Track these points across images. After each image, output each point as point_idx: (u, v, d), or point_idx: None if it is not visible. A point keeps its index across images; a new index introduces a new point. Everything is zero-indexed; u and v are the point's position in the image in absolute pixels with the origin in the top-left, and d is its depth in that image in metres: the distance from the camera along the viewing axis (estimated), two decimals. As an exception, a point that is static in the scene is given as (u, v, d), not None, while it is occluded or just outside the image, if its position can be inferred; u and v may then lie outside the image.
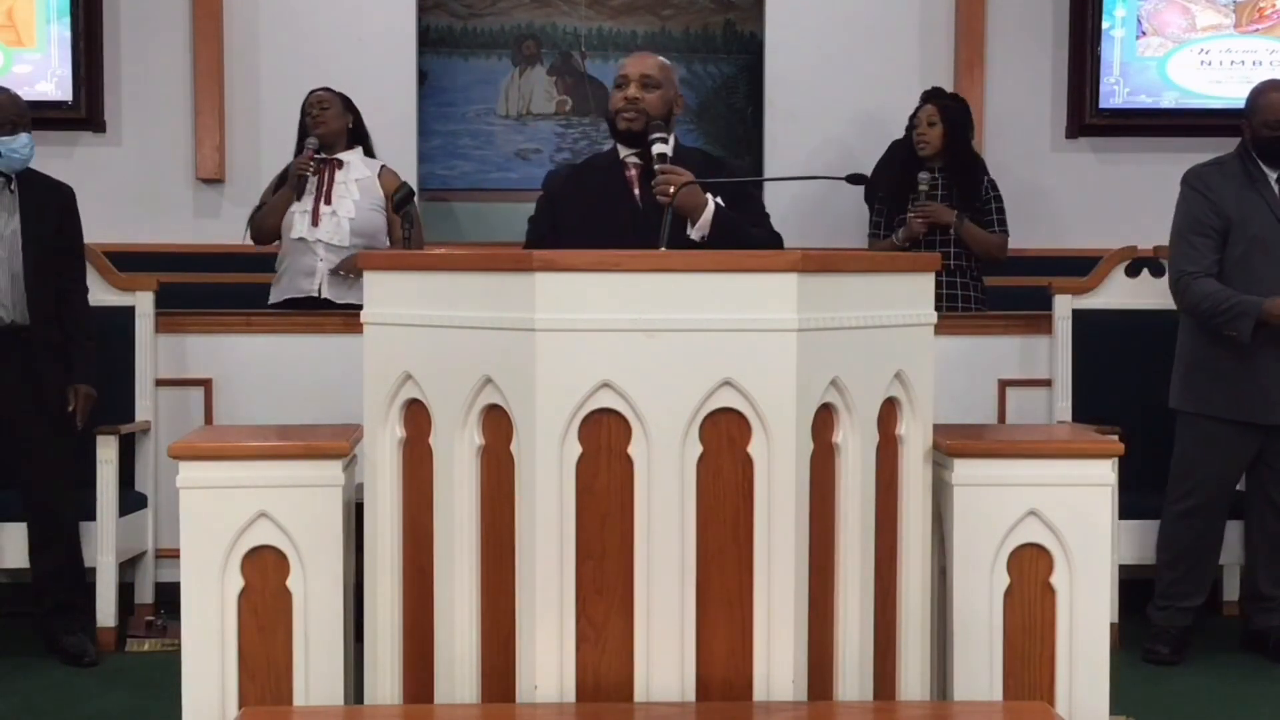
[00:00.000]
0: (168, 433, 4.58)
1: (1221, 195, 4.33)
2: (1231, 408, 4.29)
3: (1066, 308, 4.83)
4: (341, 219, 5.02)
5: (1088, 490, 2.83)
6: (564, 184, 3.64)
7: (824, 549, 2.59)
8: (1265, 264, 4.27)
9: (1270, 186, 4.33)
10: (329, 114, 5.12)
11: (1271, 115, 4.30)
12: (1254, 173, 4.34)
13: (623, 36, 7.12)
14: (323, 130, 5.09)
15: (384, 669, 2.71)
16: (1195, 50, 6.45)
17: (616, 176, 3.52)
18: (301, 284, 5.03)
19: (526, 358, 2.47)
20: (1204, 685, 4.15)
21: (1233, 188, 4.33)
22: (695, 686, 2.51)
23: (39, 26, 6.22)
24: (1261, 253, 4.27)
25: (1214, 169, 4.40)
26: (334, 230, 5.01)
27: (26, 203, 4.29)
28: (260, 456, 2.81)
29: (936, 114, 5.23)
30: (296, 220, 5.02)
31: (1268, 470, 4.36)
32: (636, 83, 3.50)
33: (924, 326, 2.75)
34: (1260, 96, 4.38)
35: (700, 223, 3.38)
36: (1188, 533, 4.38)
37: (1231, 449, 4.32)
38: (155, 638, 4.51)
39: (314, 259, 5.00)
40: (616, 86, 3.54)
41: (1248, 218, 4.30)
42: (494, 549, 2.57)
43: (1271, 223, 4.29)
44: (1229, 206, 4.31)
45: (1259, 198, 4.31)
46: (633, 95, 3.49)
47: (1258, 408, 4.26)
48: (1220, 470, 4.34)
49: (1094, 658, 2.85)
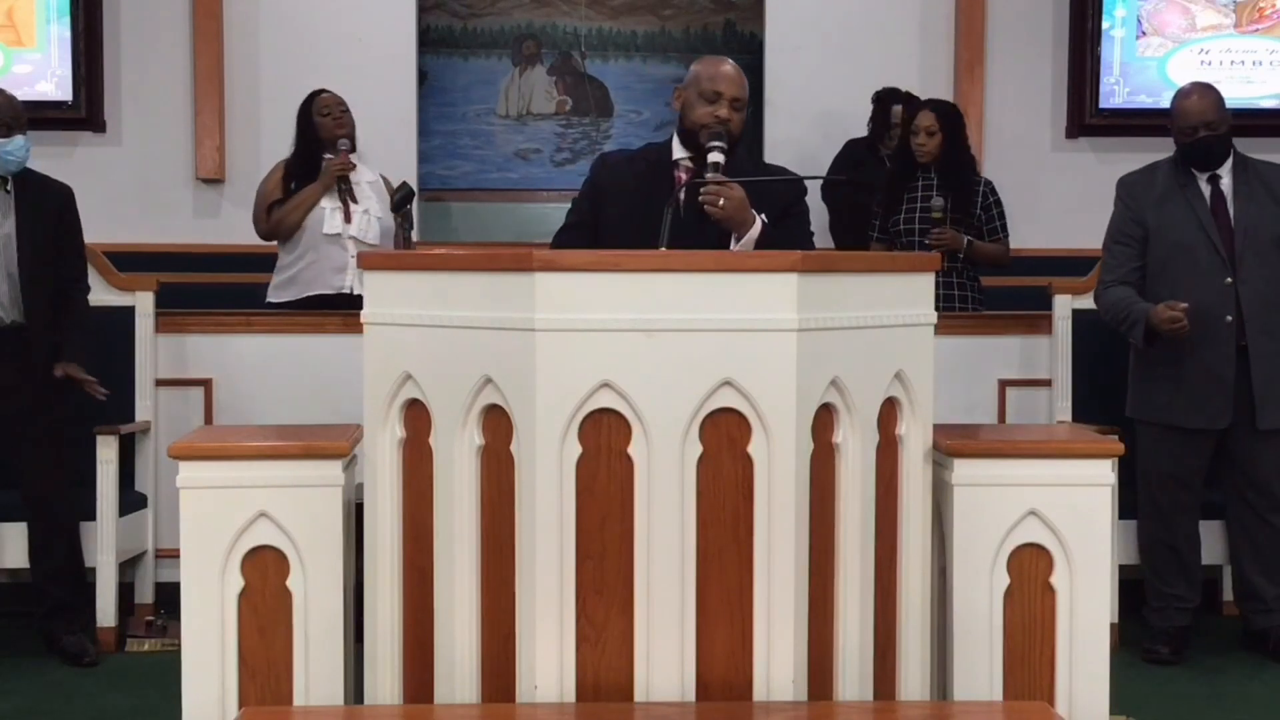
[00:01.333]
0: (168, 433, 4.58)
1: (1142, 203, 4.35)
2: (1165, 413, 4.31)
3: (1066, 308, 4.83)
4: (372, 217, 5.09)
5: (1088, 490, 2.83)
6: (612, 172, 3.55)
7: (824, 549, 2.59)
8: (1185, 269, 4.27)
9: (1198, 190, 4.32)
10: (348, 116, 5.16)
11: (1184, 121, 4.31)
12: (1182, 177, 4.34)
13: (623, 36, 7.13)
14: (343, 131, 5.13)
15: (384, 669, 2.71)
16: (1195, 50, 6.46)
17: (665, 174, 3.47)
18: (332, 280, 5.06)
19: (526, 358, 2.47)
20: (1204, 685, 4.15)
21: (1156, 194, 4.34)
22: (695, 686, 2.51)
23: (39, 26, 6.22)
24: (1182, 257, 4.28)
25: (1145, 175, 4.42)
26: (365, 227, 5.06)
27: (23, 203, 4.29)
28: (260, 456, 2.81)
29: (936, 124, 5.22)
30: (327, 217, 5.05)
31: (1236, 471, 4.36)
32: (729, 104, 3.44)
33: (924, 326, 2.74)
34: (1177, 102, 4.38)
35: (745, 240, 3.33)
36: (1158, 535, 4.40)
37: (1180, 453, 4.32)
38: (155, 638, 4.51)
39: (345, 255, 5.04)
40: (704, 97, 3.40)
41: (1168, 224, 4.30)
42: (494, 549, 2.57)
43: (1193, 228, 4.28)
44: (1148, 214, 4.33)
45: (1184, 203, 4.30)
46: (725, 116, 3.42)
47: (1186, 413, 4.27)
48: (1173, 474, 4.34)
49: (1094, 658, 2.85)
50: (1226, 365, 4.23)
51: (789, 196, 3.47)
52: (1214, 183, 4.32)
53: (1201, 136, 4.27)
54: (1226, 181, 4.32)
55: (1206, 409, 4.25)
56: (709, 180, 3.28)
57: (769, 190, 3.37)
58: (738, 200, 3.25)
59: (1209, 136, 4.27)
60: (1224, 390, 4.24)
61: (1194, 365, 4.25)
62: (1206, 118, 4.27)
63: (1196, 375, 4.25)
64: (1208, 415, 4.26)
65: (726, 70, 3.45)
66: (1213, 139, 4.28)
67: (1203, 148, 4.29)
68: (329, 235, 5.04)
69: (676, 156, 3.48)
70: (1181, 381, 4.27)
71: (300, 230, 5.07)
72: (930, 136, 5.20)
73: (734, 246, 3.28)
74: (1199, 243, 4.26)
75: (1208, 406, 4.25)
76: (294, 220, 5.08)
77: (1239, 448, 4.32)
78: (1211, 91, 4.35)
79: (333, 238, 5.04)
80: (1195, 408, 4.26)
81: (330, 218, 5.04)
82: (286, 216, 5.10)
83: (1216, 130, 4.28)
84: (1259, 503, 4.34)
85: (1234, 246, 4.26)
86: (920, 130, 5.22)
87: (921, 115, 5.26)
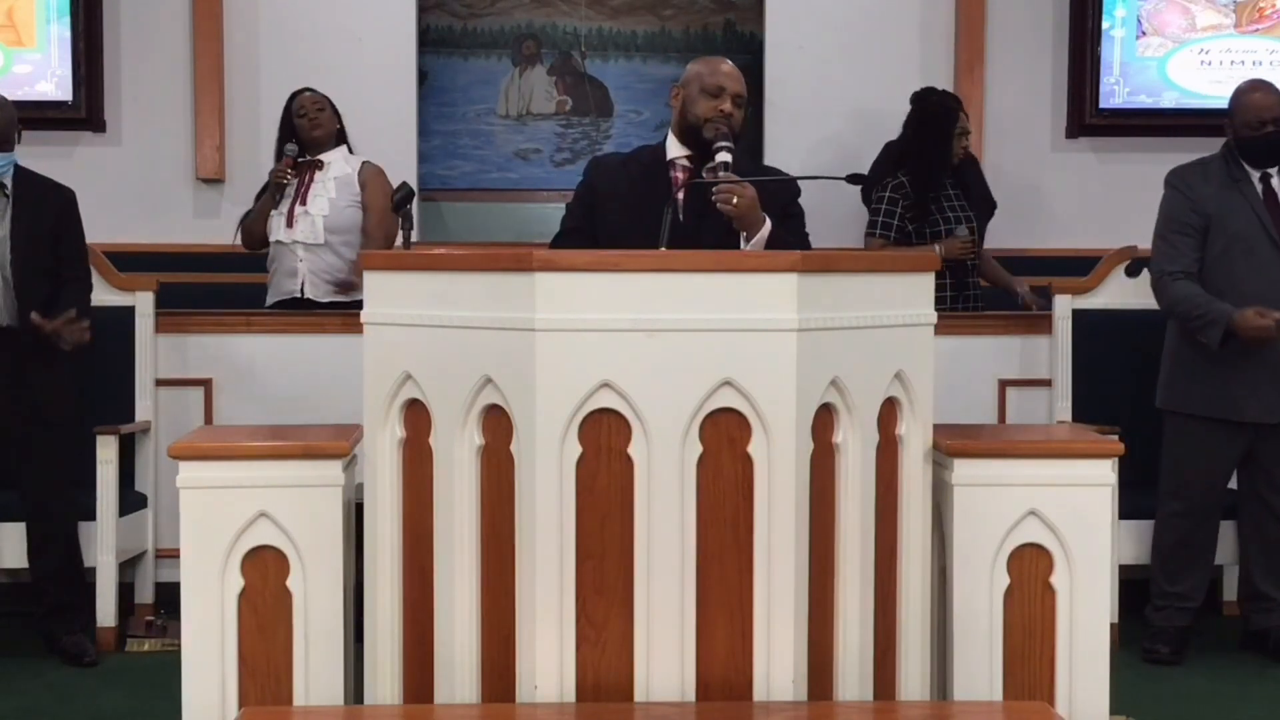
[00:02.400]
0: (168, 433, 4.58)
1: (1202, 194, 4.34)
2: (1213, 406, 4.29)
3: (1066, 308, 4.83)
4: (315, 217, 5.08)
5: (1088, 490, 2.83)
6: (606, 174, 3.55)
7: (824, 549, 2.59)
8: (1245, 262, 4.27)
9: (1253, 186, 4.33)
10: (324, 116, 5.15)
11: (1252, 115, 4.31)
12: (1236, 173, 4.34)
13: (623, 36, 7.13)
14: (319, 132, 5.13)
15: (384, 669, 2.71)
16: (1195, 50, 6.45)
17: (661, 175, 3.46)
18: (285, 285, 5.10)
19: (526, 358, 2.47)
20: (1204, 685, 4.15)
21: (1214, 187, 4.34)
22: (695, 686, 2.51)
23: (39, 26, 6.22)
24: (1242, 251, 4.28)
25: (1197, 168, 4.41)
26: (308, 230, 5.07)
27: (20, 206, 4.28)
28: (260, 456, 2.81)
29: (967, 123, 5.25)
30: (274, 224, 5.10)
31: (1259, 470, 4.36)
32: (732, 100, 3.44)
33: (924, 326, 2.74)
34: (1242, 96, 4.38)
35: (755, 240, 3.32)
36: (1178, 533, 4.39)
37: (1217, 448, 4.32)
38: (155, 638, 4.51)
39: (294, 260, 5.08)
40: (706, 93, 3.42)
41: (1228, 216, 4.30)
42: (494, 549, 2.57)
43: (1252, 221, 4.29)
44: (1209, 205, 4.32)
45: (1240, 197, 4.31)
46: (729, 110, 3.42)
47: (1239, 406, 4.26)
48: (1207, 469, 4.34)
49: (1094, 658, 2.85)
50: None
51: (785, 196, 3.47)
52: (1265, 180, 4.33)
53: (1269, 131, 4.28)
54: (1277, 180, 4.33)
55: (1261, 401, 4.25)
56: (713, 180, 3.26)
57: (768, 191, 3.36)
58: (750, 199, 3.24)
59: (1276, 132, 4.28)
60: (1277, 383, 4.24)
61: (1249, 357, 4.23)
62: (1276, 113, 4.28)
63: (1252, 367, 4.24)
64: (1262, 408, 4.25)
65: (727, 68, 3.46)
66: (1278, 134, 4.28)
67: (1270, 143, 4.29)
68: (276, 242, 5.10)
69: (672, 156, 3.47)
70: (1235, 374, 4.25)
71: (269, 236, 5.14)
72: (965, 136, 5.23)
73: (745, 246, 3.27)
74: (1257, 236, 4.27)
75: (1262, 399, 4.25)
76: (256, 230, 5.17)
77: (1268, 448, 4.31)
78: (1276, 89, 4.36)
79: (280, 244, 5.09)
80: (1249, 400, 4.25)
81: (276, 224, 5.10)
82: (250, 227, 5.19)
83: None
84: (1275, 501, 4.34)
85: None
86: (964, 132, 5.23)
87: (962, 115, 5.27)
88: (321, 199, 5.10)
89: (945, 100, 5.35)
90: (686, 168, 3.44)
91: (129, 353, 4.74)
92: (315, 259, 5.05)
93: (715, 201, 3.24)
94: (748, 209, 3.24)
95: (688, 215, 3.36)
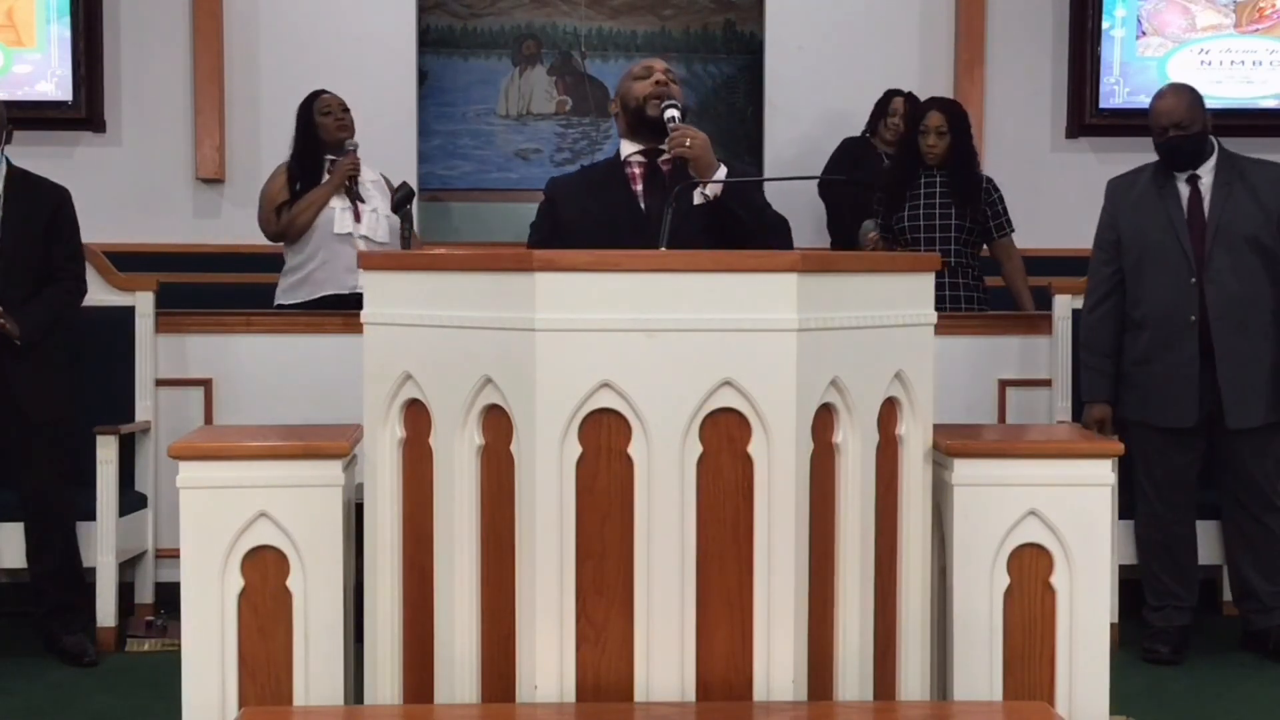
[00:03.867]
0: (168, 433, 4.58)
1: (1120, 206, 4.39)
2: (1137, 411, 4.33)
3: (1066, 308, 4.83)
4: (380, 216, 5.12)
5: (1088, 490, 2.83)
6: (565, 186, 3.64)
7: (824, 549, 2.59)
8: (1154, 269, 4.30)
9: (1176, 191, 4.33)
10: (349, 116, 5.19)
11: (1154, 121, 4.33)
12: (1161, 179, 4.35)
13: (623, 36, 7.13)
14: (345, 133, 5.17)
15: (384, 669, 2.71)
16: (1195, 50, 6.46)
17: (619, 177, 3.53)
18: (345, 279, 5.07)
19: (526, 358, 2.47)
20: (1204, 685, 4.15)
21: (1134, 196, 4.37)
22: (695, 686, 2.51)
23: (39, 26, 6.22)
24: (1153, 262, 4.30)
25: (1129, 178, 4.46)
26: (374, 226, 5.09)
27: (11, 206, 4.26)
28: (260, 456, 2.81)
29: (946, 124, 5.21)
30: (337, 217, 5.08)
31: (1229, 472, 4.37)
32: (662, 73, 3.53)
33: (924, 326, 2.74)
34: (1152, 103, 4.40)
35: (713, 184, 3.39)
36: (1154, 534, 4.41)
37: (1165, 451, 4.33)
38: (155, 638, 4.51)
39: (355, 254, 5.03)
40: (637, 79, 3.53)
41: (1142, 226, 4.33)
42: (494, 549, 2.57)
43: (1166, 229, 4.29)
44: (1122, 217, 4.36)
45: (1159, 204, 4.31)
46: (662, 80, 3.51)
47: (1163, 411, 4.29)
48: (1165, 474, 4.35)
49: (1094, 658, 2.85)
50: (1191, 365, 4.25)
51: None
52: (1193, 183, 4.32)
53: (1171, 136, 4.29)
54: (1206, 181, 4.32)
55: (1174, 408, 4.27)
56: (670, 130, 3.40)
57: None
58: (703, 142, 3.39)
59: (1178, 136, 4.28)
60: (1190, 390, 4.25)
61: (1161, 365, 4.28)
62: (1175, 118, 4.28)
63: (1163, 375, 4.28)
64: (1175, 414, 4.27)
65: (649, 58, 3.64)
66: (1181, 138, 4.28)
67: (1172, 147, 4.30)
68: (340, 235, 5.07)
69: (626, 155, 3.54)
70: (1151, 381, 4.31)
71: (310, 231, 5.09)
72: (940, 137, 5.19)
73: (705, 189, 3.40)
74: (1168, 243, 4.28)
75: (1175, 405, 4.27)
76: (305, 220, 5.11)
77: (1225, 448, 4.33)
78: (1185, 92, 4.36)
79: (344, 237, 5.07)
80: (1164, 406, 4.29)
81: (340, 217, 5.08)
82: (297, 217, 5.11)
83: (1187, 130, 4.27)
84: (1251, 502, 4.34)
85: (1203, 246, 4.26)
86: (930, 130, 5.19)
87: (931, 115, 5.22)
88: (377, 198, 5.14)
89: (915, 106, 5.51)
90: (642, 163, 3.51)
91: (129, 353, 4.74)
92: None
93: (670, 149, 3.37)
94: (702, 150, 3.38)
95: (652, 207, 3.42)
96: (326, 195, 5.09)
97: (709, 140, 3.40)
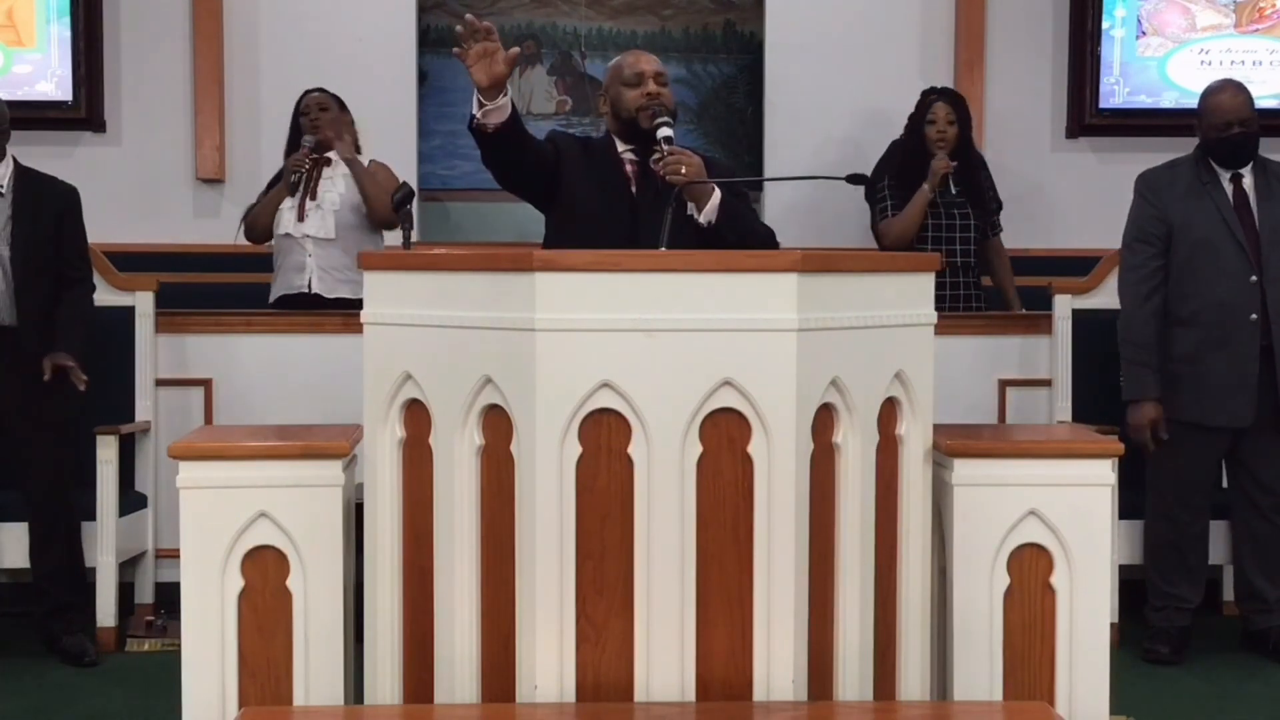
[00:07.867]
0: (168, 433, 4.58)
1: (1166, 200, 4.33)
2: (1188, 410, 4.30)
3: (1066, 308, 4.83)
4: (326, 212, 5.12)
5: (1088, 490, 2.83)
6: (567, 143, 3.62)
7: (824, 549, 2.59)
8: (1209, 267, 4.27)
9: (1221, 188, 4.32)
10: (326, 116, 5.18)
11: (1219, 117, 4.29)
12: (1205, 175, 4.33)
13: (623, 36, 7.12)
14: (321, 135, 5.14)
15: (384, 669, 2.71)
16: (1195, 50, 6.45)
17: (616, 168, 3.52)
18: (293, 280, 5.12)
19: (526, 358, 2.47)
20: (1204, 685, 4.15)
21: (1179, 191, 4.33)
22: (695, 686, 2.51)
23: (39, 26, 6.22)
24: (1205, 256, 4.27)
25: (1165, 172, 4.41)
26: (319, 224, 5.10)
27: (21, 204, 4.28)
28: (260, 456, 2.81)
29: (954, 113, 5.26)
30: (285, 217, 5.12)
31: (1244, 472, 4.36)
32: (654, 80, 3.50)
33: (924, 326, 2.74)
34: (1209, 98, 4.36)
35: (707, 209, 3.39)
36: (1167, 536, 4.39)
37: (1195, 451, 4.32)
38: (155, 638, 4.51)
39: (303, 254, 5.09)
40: (627, 84, 3.52)
41: (1193, 222, 4.29)
42: (494, 549, 2.57)
43: (1218, 225, 4.27)
44: (1172, 212, 4.31)
45: (1208, 200, 4.29)
46: (654, 91, 3.49)
47: (1217, 410, 4.26)
48: (1187, 472, 4.34)
49: (1094, 658, 2.85)
50: (1250, 363, 4.22)
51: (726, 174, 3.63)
52: (1236, 182, 4.31)
53: (1235, 133, 4.27)
54: (1248, 181, 4.32)
55: (1229, 407, 4.24)
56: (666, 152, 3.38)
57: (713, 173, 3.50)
58: (697, 166, 3.38)
59: (1242, 133, 4.27)
60: (1247, 389, 4.23)
61: (1217, 363, 4.24)
62: (1241, 114, 4.27)
63: (1220, 373, 4.24)
64: (1230, 413, 4.25)
65: (639, 53, 3.60)
66: (1245, 135, 4.28)
67: (1235, 144, 4.28)
68: (284, 236, 5.11)
69: (620, 151, 3.54)
70: (1204, 379, 4.26)
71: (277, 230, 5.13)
72: (950, 125, 5.24)
73: (700, 217, 3.39)
74: (1224, 240, 4.25)
75: (1230, 404, 4.24)
76: (261, 223, 5.18)
77: (1251, 447, 4.31)
78: (1244, 89, 4.36)
79: (288, 238, 5.10)
80: (1218, 405, 4.25)
81: (287, 218, 5.11)
82: (254, 220, 5.21)
83: (1249, 128, 4.27)
84: (1264, 502, 4.34)
85: (1259, 245, 4.25)
86: (940, 119, 5.24)
87: (938, 106, 5.29)
88: (332, 194, 5.13)
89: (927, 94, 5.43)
90: (634, 162, 3.50)
91: (129, 353, 4.74)
92: (324, 254, 5.07)
93: (664, 174, 3.35)
94: (696, 177, 3.37)
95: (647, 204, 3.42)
96: (279, 196, 5.13)
97: (702, 165, 3.39)
